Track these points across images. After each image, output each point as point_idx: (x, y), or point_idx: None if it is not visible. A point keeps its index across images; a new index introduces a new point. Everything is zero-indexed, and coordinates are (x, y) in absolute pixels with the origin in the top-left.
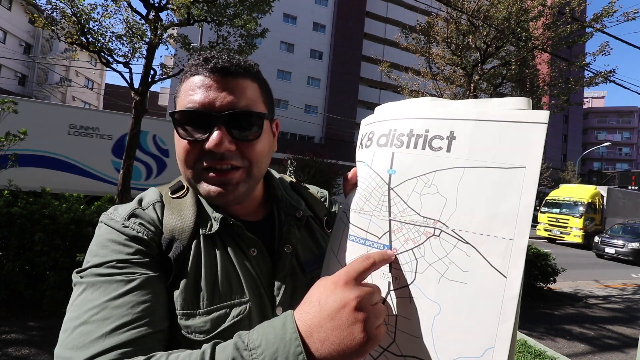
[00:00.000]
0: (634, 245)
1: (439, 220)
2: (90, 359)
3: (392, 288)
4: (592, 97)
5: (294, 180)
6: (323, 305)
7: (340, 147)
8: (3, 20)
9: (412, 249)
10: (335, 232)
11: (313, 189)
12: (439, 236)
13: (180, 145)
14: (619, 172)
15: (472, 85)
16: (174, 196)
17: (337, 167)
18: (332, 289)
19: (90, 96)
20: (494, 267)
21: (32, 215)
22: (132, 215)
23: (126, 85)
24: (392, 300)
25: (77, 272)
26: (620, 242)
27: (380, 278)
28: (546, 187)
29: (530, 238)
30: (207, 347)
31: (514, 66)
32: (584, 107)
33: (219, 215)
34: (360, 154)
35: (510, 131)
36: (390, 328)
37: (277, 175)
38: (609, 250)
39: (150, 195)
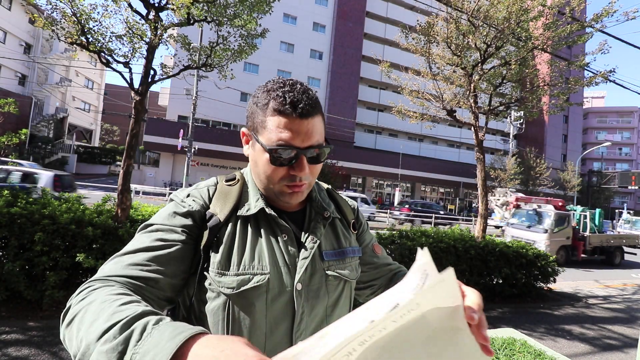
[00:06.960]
0: None
1: None
2: (105, 275)
3: None
4: (592, 97)
5: (330, 187)
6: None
7: (340, 147)
8: (3, 20)
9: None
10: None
11: (345, 197)
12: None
13: (269, 167)
14: (619, 172)
15: (472, 85)
16: (227, 184)
17: (337, 167)
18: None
19: (90, 96)
20: None
21: (32, 215)
22: (189, 195)
23: (126, 85)
24: None
25: (143, 226)
26: None
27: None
28: (546, 187)
29: None
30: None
31: (514, 66)
32: (584, 107)
33: (259, 205)
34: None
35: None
36: None
37: (323, 184)
38: None
39: (209, 180)
